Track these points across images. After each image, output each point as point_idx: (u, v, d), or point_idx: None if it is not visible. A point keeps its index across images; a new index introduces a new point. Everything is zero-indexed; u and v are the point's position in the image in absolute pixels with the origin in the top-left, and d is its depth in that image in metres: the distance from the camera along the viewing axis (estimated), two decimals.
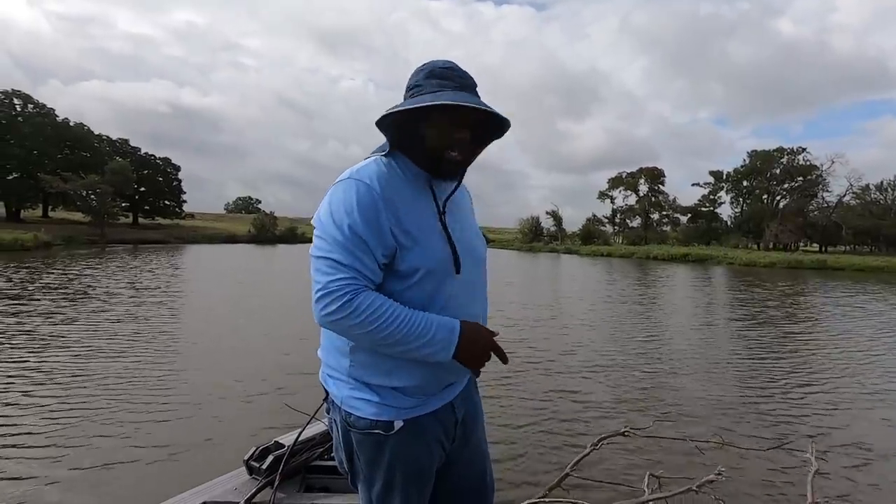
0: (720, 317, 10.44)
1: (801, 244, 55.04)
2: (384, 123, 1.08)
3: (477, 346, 1.06)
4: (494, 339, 1.11)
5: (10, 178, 42.51)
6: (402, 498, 1.14)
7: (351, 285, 1.00)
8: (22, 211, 44.18)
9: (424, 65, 1.13)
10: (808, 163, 54.57)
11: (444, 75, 1.09)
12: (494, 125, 1.14)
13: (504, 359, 1.11)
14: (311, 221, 1.10)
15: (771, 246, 50.14)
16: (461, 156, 1.10)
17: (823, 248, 52.22)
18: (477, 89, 1.13)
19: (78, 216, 44.35)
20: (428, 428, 1.14)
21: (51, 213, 47.28)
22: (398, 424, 1.10)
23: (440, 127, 1.06)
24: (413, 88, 1.10)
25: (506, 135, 1.16)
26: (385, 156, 1.13)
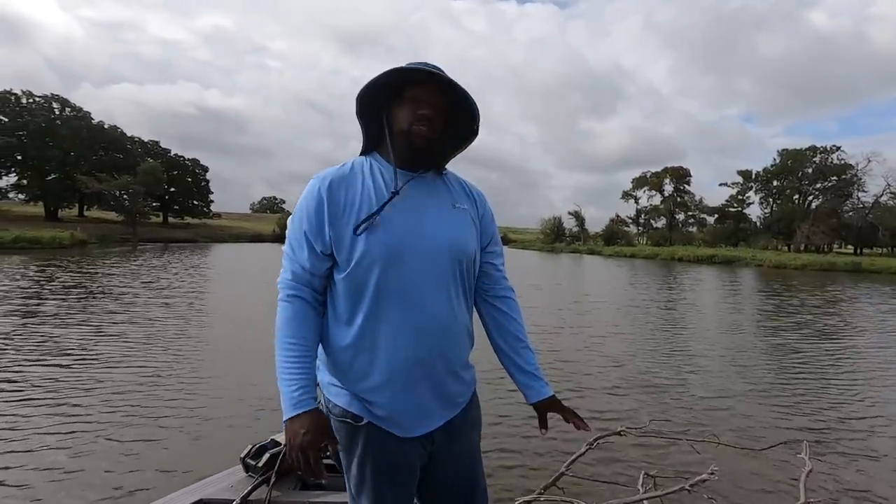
0: (741, 320, 10.23)
1: (836, 246, 53.10)
2: (363, 115, 1.18)
3: (296, 441, 1.05)
4: (318, 447, 1.06)
5: (49, 178, 44.40)
6: (374, 489, 1.15)
7: (291, 287, 1.14)
8: (59, 210, 46.06)
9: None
10: (842, 162, 52.54)
11: (412, 66, 1.14)
12: (462, 122, 1.21)
13: (314, 475, 1.07)
14: None
15: (802, 248, 48.54)
16: (426, 130, 1.13)
17: (858, 251, 50.30)
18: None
19: (111, 215, 46.02)
20: None
21: (86, 213, 49.06)
22: (365, 421, 1.13)
23: (405, 108, 1.14)
24: None
25: (528, 134, 1.24)
26: (364, 156, 1.22)
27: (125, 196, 43.06)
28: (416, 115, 1.12)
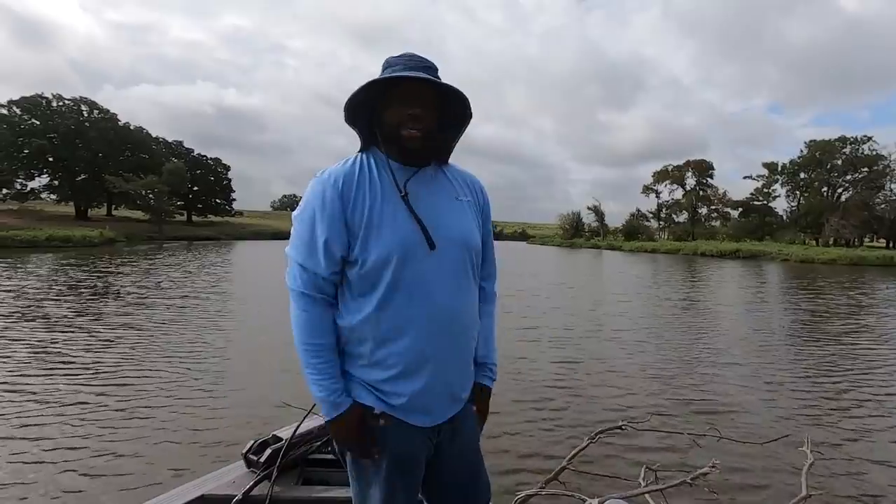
0: (757, 317, 10.04)
1: (867, 239, 51.30)
2: (352, 119, 1.16)
3: (339, 437, 1.14)
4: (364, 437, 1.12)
5: (79, 179, 45.85)
6: (387, 480, 1.15)
7: (302, 289, 1.13)
8: (89, 210, 47.53)
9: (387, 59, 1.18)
10: (874, 152, 50.70)
11: (396, 62, 1.13)
12: (455, 107, 1.16)
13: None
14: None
15: (831, 242, 47.05)
16: (418, 131, 1.11)
17: (891, 244, 48.56)
18: (438, 73, 1.15)
19: (138, 214, 47.29)
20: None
21: (114, 212, 50.47)
22: (378, 412, 1.14)
23: (393, 108, 1.11)
24: None
25: (545, 127, 1.20)
26: (362, 152, 1.19)
27: (151, 195, 44.19)
28: (406, 116, 1.10)
